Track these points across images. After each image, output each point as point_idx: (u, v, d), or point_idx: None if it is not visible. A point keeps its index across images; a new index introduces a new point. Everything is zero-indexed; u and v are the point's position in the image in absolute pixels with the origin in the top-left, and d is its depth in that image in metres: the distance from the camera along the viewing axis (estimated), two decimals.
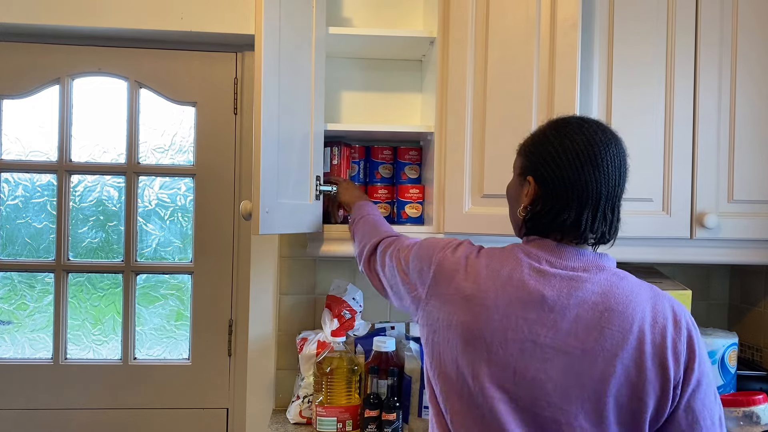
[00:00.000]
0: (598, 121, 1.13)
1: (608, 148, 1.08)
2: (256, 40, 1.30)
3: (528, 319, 1.03)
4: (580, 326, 1.03)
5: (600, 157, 1.07)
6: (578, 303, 1.03)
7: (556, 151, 1.09)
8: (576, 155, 1.07)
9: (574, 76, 1.58)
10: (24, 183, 2.00)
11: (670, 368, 1.02)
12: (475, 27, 1.61)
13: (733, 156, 1.68)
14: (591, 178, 1.07)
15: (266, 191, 1.32)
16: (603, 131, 1.10)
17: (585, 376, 1.02)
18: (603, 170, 1.07)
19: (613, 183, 1.08)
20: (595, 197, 1.07)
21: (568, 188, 1.08)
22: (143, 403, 2.00)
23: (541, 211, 1.10)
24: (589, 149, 1.07)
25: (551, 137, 1.11)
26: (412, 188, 1.78)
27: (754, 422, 1.43)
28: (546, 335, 1.03)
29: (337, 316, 1.79)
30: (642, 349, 1.02)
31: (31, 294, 2.01)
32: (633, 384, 1.01)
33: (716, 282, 2.04)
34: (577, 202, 1.07)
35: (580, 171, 1.07)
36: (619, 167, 1.09)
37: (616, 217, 1.11)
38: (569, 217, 1.08)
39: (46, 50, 1.96)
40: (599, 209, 1.08)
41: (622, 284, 1.06)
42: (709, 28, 1.67)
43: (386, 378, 1.68)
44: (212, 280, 2.02)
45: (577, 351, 1.02)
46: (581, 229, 1.08)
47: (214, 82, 2.00)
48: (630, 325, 1.02)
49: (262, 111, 1.30)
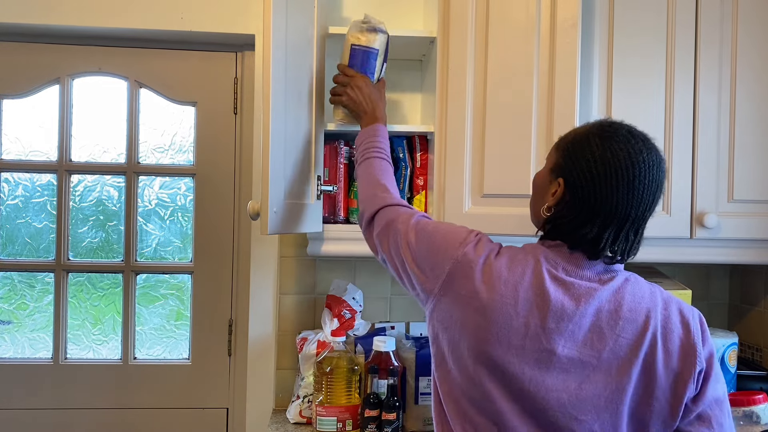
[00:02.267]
0: (646, 137, 1.07)
1: (650, 170, 1.03)
2: (264, 39, 1.30)
3: (546, 328, 1.01)
4: (596, 336, 1.02)
5: (638, 180, 1.02)
6: (593, 313, 1.02)
7: (594, 161, 1.03)
8: (615, 172, 1.02)
9: (574, 76, 1.58)
10: (24, 183, 2.00)
11: (682, 374, 1.01)
12: (475, 27, 1.61)
13: (733, 156, 1.68)
14: (623, 199, 1.02)
15: (274, 191, 1.33)
16: (649, 151, 1.04)
17: (601, 386, 1.01)
18: (638, 193, 1.02)
19: (645, 206, 1.04)
20: (622, 218, 1.03)
21: (597, 204, 1.03)
22: (143, 403, 2.00)
23: (564, 217, 1.07)
24: (630, 169, 1.02)
25: (594, 144, 1.05)
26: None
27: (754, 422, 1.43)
28: (564, 345, 1.01)
29: (337, 315, 1.79)
30: (654, 356, 1.01)
31: (31, 294, 2.01)
32: (647, 391, 1.01)
33: (716, 282, 2.04)
34: (602, 219, 1.03)
35: (614, 190, 1.02)
36: (654, 192, 1.04)
37: (637, 239, 1.07)
38: (590, 232, 1.04)
39: (46, 50, 1.96)
40: (623, 230, 1.04)
41: (634, 291, 1.05)
42: (709, 28, 1.67)
43: (386, 378, 1.68)
44: (212, 280, 2.02)
45: (593, 361, 1.01)
46: (599, 247, 1.04)
47: (214, 82, 2.00)
48: (643, 333, 1.02)
49: (270, 110, 1.30)
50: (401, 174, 1.77)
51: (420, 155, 1.76)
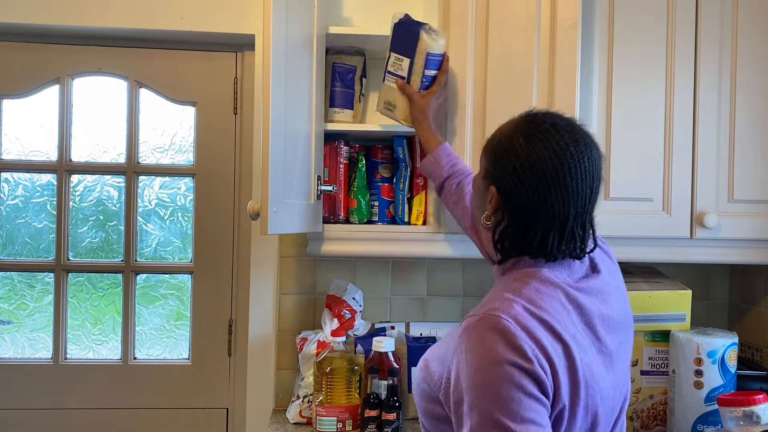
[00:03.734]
0: (572, 126, 1.01)
1: (580, 164, 0.98)
2: (264, 39, 1.30)
3: (600, 335, 1.02)
4: (621, 314, 1.08)
5: (570, 177, 0.97)
6: (610, 302, 1.07)
7: (521, 165, 0.98)
8: (543, 174, 0.97)
9: (574, 76, 1.58)
10: (24, 183, 2.00)
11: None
12: (475, 27, 1.61)
13: (733, 156, 1.68)
14: (558, 200, 0.97)
15: (274, 191, 1.33)
16: (576, 143, 0.99)
17: (625, 374, 1.08)
18: (572, 191, 0.97)
19: (583, 201, 0.99)
20: (563, 219, 0.98)
21: (532, 208, 0.98)
22: (143, 403, 2.00)
23: (506, 227, 1.02)
24: (558, 168, 0.97)
25: (518, 145, 0.99)
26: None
27: (754, 422, 1.43)
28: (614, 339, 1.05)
29: (337, 315, 1.79)
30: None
31: (31, 294, 2.01)
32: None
33: (716, 282, 2.04)
34: (542, 223, 0.99)
35: (546, 193, 0.97)
36: (590, 183, 0.99)
37: (587, 233, 1.03)
38: (535, 238, 0.99)
39: (46, 50, 1.96)
40: (567, 229, 0.99)
41: (610, 274, 1.11)
42: (709, 28, 1.67)
43: (386, 378, 1.68)
44: (212, 280, 2.02)
45: (627, 336, 1.10)
46: (548, 250, 1.00)
47: (214, 82, 2.00)
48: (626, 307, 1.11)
49: (270, 110, 1.30)
50: (401, 174, 1.77)
51: (420, 155, 1.76)
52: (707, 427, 1.60)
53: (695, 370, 1.61)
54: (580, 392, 0.94)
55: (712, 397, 1.58)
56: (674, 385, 1.65)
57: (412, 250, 1.71)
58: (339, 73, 1.78)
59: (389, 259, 1.95)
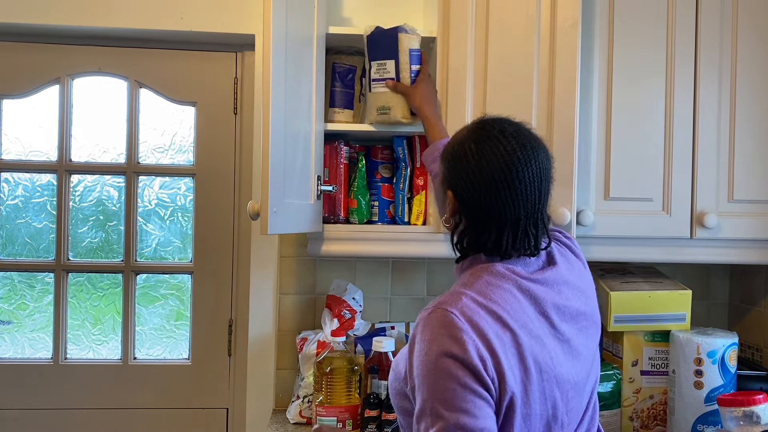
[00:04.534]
0: (519, 132, 1.08)
1: (527, 168, 1.04)
2: (264, 39, 1.30)
3: (554, 324, 1.07)
4: (580, 304, 1.12)
5: (518, 180, 1.04)
6: (564, 290, 1.10)
7: (472, 172, 1.05)
8: (492, 179, 1.04)
9: (574, 76, 1.58)
10: (24, 183, 2.00)
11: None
12: (475, 27, 1.61)
13: (733, 156, 1.68)
14: (508, 202, 1.04)
15: (274, 191, 1.33)
16: (522, 147, 1.05)
17: (589, 360, 1.13)
18: (521, 193, 1.04)
19: (533, 202, 1.06)
20: (514, 219, 1.05)
21: (485, 211, 1.05)
22: (143, 403, 2.00)
23: (464, 229, 1.10)
24: (506, 172, 1.03)
25: (469, 151, 1.06)
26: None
27: (754, 422, 1.43)
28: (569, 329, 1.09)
29: (337, 315, 1.79)
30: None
31: (31, 294, 2.01)
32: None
33: (716, 282, 2.03)
34: (495, 224, 1.06)
35: (495, 195, 1.04)
36: (539, 185, 1.06)
37: (541, 230, 1.09)
38: (489, 239, 1.07)
39: (46, 50, 1.96)
40: (519, 229, 1.06)
41: (568, 266, 1.15)
42: (709, 28, 1.67)
43: (386, 378, 1.68)
44: (212, 280, 2.02)
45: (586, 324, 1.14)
46: (503, 249, 1.07)
47: (214, 82, 2.00)
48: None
49: (270, 110, 1.30)
50: (401, 174, 1.77)
51: (420, 155, 1.76)
52: (707, 427, 1.60)
53: (695, 370, 1.61)
54: (532, 378, 0.99)
55: (712, 397, 1.58)
56: (674, 385, 1.66)
57: (412, 250, 1.71)
58: (339, 73, 1.78)
59: (389, 259, 1.95)
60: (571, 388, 1.05)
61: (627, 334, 1.72)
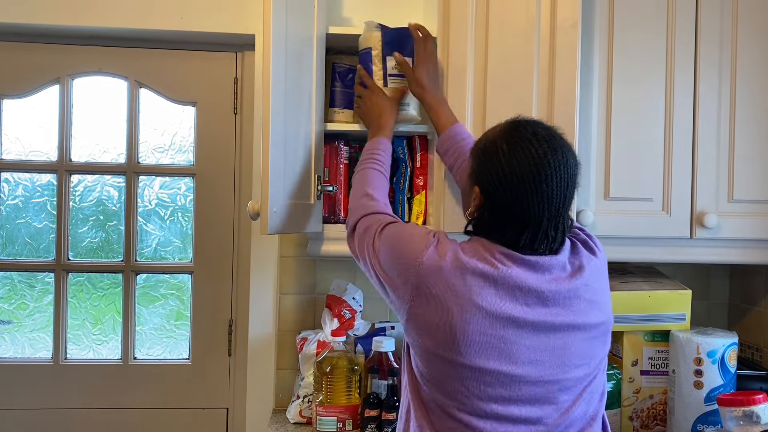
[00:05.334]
0: (552, 136, 1.11)
1: (556, 172, 1.07)
2: (264, 39, 1.30)
3: (528, 303, 1.08)
4: (565, 304, 1.11)
5: (546, 183, 1.07)
6: (557, 279, 1.11)
7: (502, 169, 1.08)
8: (521, 179, 1.07)
9: (574, 76, 1.58)
10: (24, 183, 2.00)
11: None
12: (475, 27, 1.61)
13: (733, 156, 1.68)
14: (533, 203, 1.07)
15: (274, 191, 1.33)
16: (554, 151, 1.08)
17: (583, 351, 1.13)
18: (547, 196, 1.07)
19: (557, 206, 1.08)
20: (537, 220, 1.08)
21: (510, 209, 1.09)
22: (143, 403, 2.00)
23: (485, 221, 1.14)
24: (536, 174, 1.06)
25: (501, 150, 1.09)
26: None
27: (754, 422, 1.43)
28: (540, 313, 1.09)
29: (337, 315, 1.79)
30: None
31: (31, 294, 2.01)
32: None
33: (716, 282, 2.03)
34: (517, 223, 1.09)
35: (523, 196, 1.07)
36: (565, 190, 1.09)
37: (560, 232, 1.11)
38: (506, 235, 1.10)
39: (46, 50, 1.96)
40: (540, 230, 1.09)
41: (574, 258, 1.15)
42: (709, 28, 1.67)
43: (386, 378, 1.68)
44: (212, 280, 2.02)
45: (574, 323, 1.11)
46: (519, 246, 1.09)
47: (214, 82, 2.00)
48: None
49: (270, 110, 1.30)
50: (401, 174, 1.77)
51: (420, 155, 1.76)
52: (707, 427, 1.60)
53: (695, 370, 1.61)
54: (457, 329, 1.05)
55: (712, 397, 1.58)
56: (674, 385, 1.66)
57: None
58: (339, 73, 1.78)
59: None
60: (535, 365, 1.07)
61: (627, 334, 1.72)
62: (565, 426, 1.09)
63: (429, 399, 1.11)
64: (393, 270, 1.15)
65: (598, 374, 1.14)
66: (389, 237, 1.20)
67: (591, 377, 1.12)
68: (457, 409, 1.07)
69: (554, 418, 1.08)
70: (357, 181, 1.44)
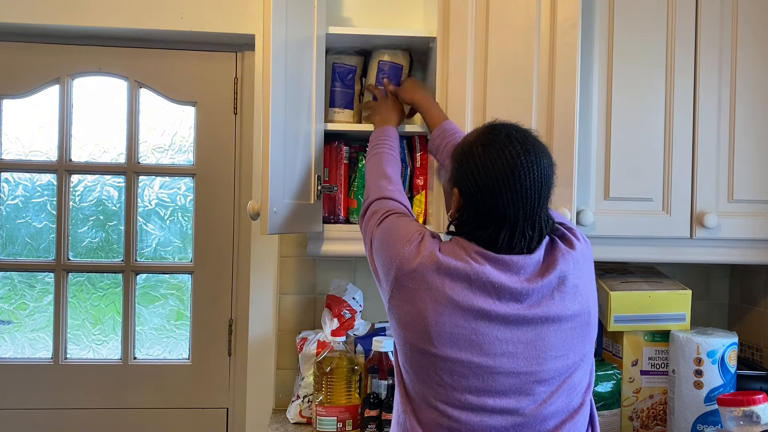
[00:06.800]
0: (525, 138, 1.14)
1: (529, 172, 1.10)
2: (264, 39, 1.30)
3: (501, 301, 1.09)
4: (539, 299, 1.11)
5: (519, 183, 1.09)
6: (532, 276, 1.12)
7: (478, 172, 1.11)
8: (495, 180, 1.10)
9: (574, 76, 1.58)
10: (24, 183, 2.00)
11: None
12: (475, 27, 1.61)
13: (733, 155, 1.68)
14: (509, 204, 1.10)
15: (274, 191, 1.33)
16: (527, 153, 1.11)
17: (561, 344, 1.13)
18: (521, 196, 1.10)
19: (531, 204, 1.11)
20: (513, 220, 1.11)
21: (487, 210, 1.11)
22: (143, 403, 2.00)
23: (464, 222, 1.16)
24: (510, 175, 1.09)
25: (476, 153, 1.13)
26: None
27: (754, 422, 1.43)
28: (517, 308, 1.10)
29: (337, 315, 1.79)
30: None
31: (31, 294, 2.01)
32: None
33: (716, 282, 2.04)
34: (495, 223, 1.11)
35: (497, 196, 1.10)
36: (539, 190, 1.11)
37: (537, 231, 1.13)
38: (485, 234, 1.12)
39: (46, 50, 1.96)
40: (517, 229, 1.11)
41: (556, 250, 1.16)
42: (709, 27, 1.67)
43: (386, 378, 1.68)
44: (212, 280, 2.02)
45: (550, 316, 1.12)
46: (497, 246, 1.11)
47: (214, 82, 2.00)
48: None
49: (270, 110, 1.30)
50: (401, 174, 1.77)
51: (420, 155, 1.76)
52: (707, 427, 1.60)
53: (695, 370, 1.61)
54: (429, 321, 1.08)
55: (712, 397, 1.58)
56: (674, 385, 1.66)
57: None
58: (339, 73, 1.78)
59: None
60: (508, 357, 1.09)
61: (627, 334, 1.72)
62: (544, 417, 1.10)
63: (411, 389, 1.15)
64: (379, 261, 1.20)
65: (580, 367, 1.14)
66: (384, 228, 1.23)
67: (571, 370, 1.12)
68: (435, 399, 1.10)
69: (531, 409, 1.09)
70: (373, 164, 1.48)
